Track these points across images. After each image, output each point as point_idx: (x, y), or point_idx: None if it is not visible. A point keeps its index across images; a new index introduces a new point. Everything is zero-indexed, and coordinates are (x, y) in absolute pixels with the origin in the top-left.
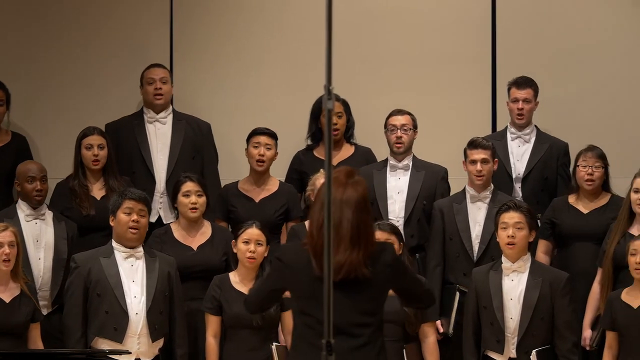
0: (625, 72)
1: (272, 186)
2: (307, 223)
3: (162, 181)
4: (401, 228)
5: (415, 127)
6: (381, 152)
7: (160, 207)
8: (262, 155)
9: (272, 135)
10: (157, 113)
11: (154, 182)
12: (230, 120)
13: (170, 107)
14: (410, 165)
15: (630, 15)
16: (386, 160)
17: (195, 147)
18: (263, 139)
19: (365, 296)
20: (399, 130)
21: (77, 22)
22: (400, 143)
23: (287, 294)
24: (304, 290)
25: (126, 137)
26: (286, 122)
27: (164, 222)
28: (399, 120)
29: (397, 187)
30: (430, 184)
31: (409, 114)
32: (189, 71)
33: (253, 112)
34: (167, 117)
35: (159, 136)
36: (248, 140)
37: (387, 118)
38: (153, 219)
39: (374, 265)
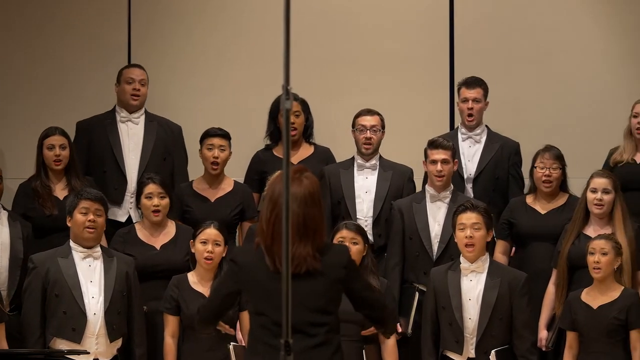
0: (578, 72)
1: (227, 186)
2: None
3: (134, 181)
4: (369, 227)
5: (383, 127)
6: (340, 151)
7: (130, 207)
8: (217, 158)
9: (225, 136)
10: (131, 113)
11: (125, 182)
12: (190, 121)
13: (144, 108)
14: (378, 165)
15: (583, 17)
16: (353, 160)
17: (167, 148)
18: (216, 140)
19: (318, 292)
20: (368, 131)
21: (39, 24)
22: (369, 144)
23: None
24: (259, 290)
25: (98, 136)
26: (245, 122)
27: (134, 221)
28: (368, 120)
29: (365, 187)
30: (398, 184)
31: (378, 114)
32: (149, 72)
33: (212, 112)
34: (139, 118)
35: (131, 136)
36: (201, 141)
37: (356, 118)
38: (123, 219)
39: (326, 261)
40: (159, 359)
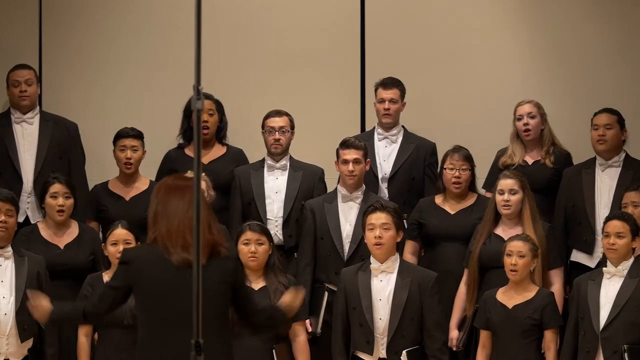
0: (491, 73)
1: (142, 184)
2: None
3: (30, 181)
4: (280, 228)
5: (292, 127)
6: (253, 152)
7: (27, 207)
8: (129, 158)
9: (138, 136)
10: (24, 114)
11: (21, 182)
12: (100, 121)
13: (37, 107)
14: (288, 165)
15: (496, 18)
16: (263, 160)
17: (63, 147)
18: (128, 141)
19: (210, 287)
20: (277, 132)
21: None
22: (278, 145)
23: None
24: (157, 286)
25: None
26: (159, 121)
27: (32, 222)
28: (277, 122)
29: (275, 187)
30: (308, 184)
31: (287, 115)
32: (59, 72)
33: (124, 111)
34: (34, 118)
35: (26, 136)
36: (114, 142)
37: (265, 119)
38: (21, 219)
39: (216, 261)
40: (70, 358)
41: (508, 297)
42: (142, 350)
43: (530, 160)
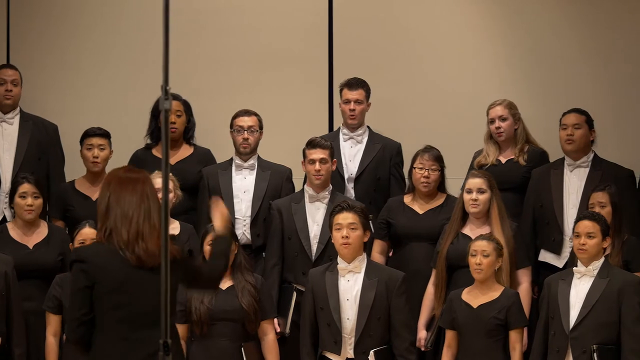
0: (457, 74)
1: None
2: None
3: (8, 181)
4: (247, 227)
5: (261, 127)
6: (221, 152)
7: (5, 207)
8: (97, 157)
9: (105, 135)
10: (5, 113)
11: None
12: (68, 121)
13: (18, 108)
14: (256, 165)
15: (461, 20)
16: (231, 160)
17: (42, 148)
18: (95, 140)
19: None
20: (245, 132)
21: None
22: (246, 144)
23: None
24: (116, 284)
25: None
26: (129, 121)
27: (9, 221)
28: (245, 121)
29: (243, 187)
30: (276, 184)
31: (256, 114)
32: (29, 72)
33: (92, 111)
34: (14, 118)
35: (6, 136)
36: (81, 141)
37: (234, 118)
38: None
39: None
40: (38, 358)
41: (473, 297)
42: (99, 351)
43: (503, 159)
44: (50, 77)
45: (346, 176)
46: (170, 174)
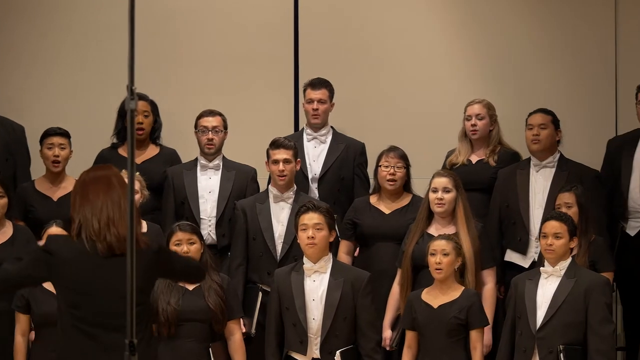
0: (422, 74)
1: (69, 184)
2: None
3: None
4: (213, 227)
5: (225, 127)
6: (187, 152)
7: None
8: (57, 156)
9: (65, 135)
10: None
11: None
12: (32, 121)
13: None
14: (221, 165)
15: (427, 20)
16: (196, 160)
17: (9, 148)
18: (56, 139)
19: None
20: (210, 132)
21: None
22: (211, 144)
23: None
24: (79, 282)
25: None
26: (94, 121)
27: None
28: (210, 122)
29: (209, 187)
30: (241, 184)
31: (220, 114)
32: None
33: (57, 111)
34: None
35: None
36: (41, 141)
37: (198, 119)
38: None
39: (139, 255)
40: (6, 358)
41: (433, 297)
42: (64, 349)
43: (474, 159)
44: (15, 77)
45: (310, 176)
46: (138, 174)
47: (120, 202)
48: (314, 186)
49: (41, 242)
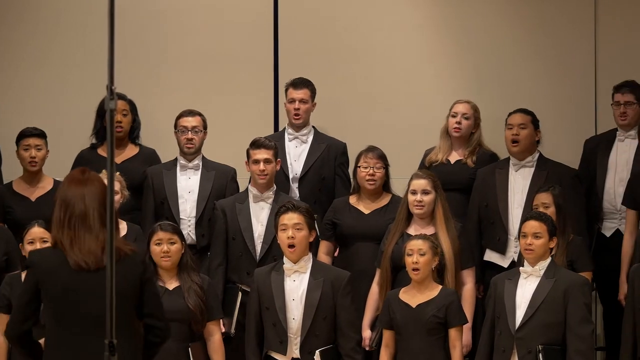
0: (402, 74)
1: (47, 184)
2: None
3: None
4: (192, 227)
5: (205, 127)
6: (167, 152)
7: None
8: (34, 157)
9: (41, 135)
10: None
11: None
12: (9, 121)
13: None
14: (200, 165)
15: (408, 20)
16: (176, 160)
17: None
18: (32, 140)
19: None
20: (189, 132)
21: None
22: (191, 144)
23: None
24: (61, 291)
25: None
26: (72, 121)
27: None
28: (189, 121)
29: (188, 187)
30: (220, 184)
31: (200, 114)
32: None
33: (36, 111)
34: None
35: None
36: (17, 142)
37: (178, 119)
38: None
39: (125, 262)
40: None
41: (411, 296)
42: (49, 357)
43: (453, 160)
44: None
45: (291, 176)
46: (118, 174)
47: (88, 216)
48: (295, 186)
49: (22, 245)
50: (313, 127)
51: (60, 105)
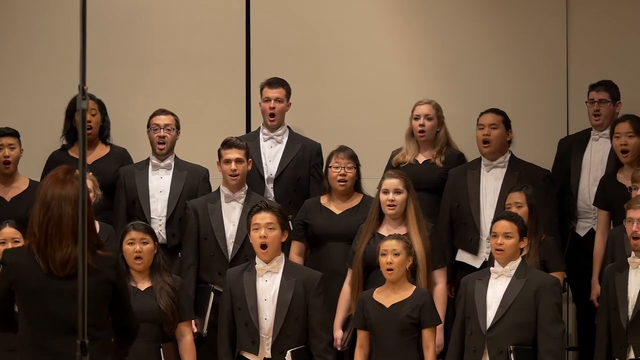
0: (375, 74)
1: (22, 184)
2: None
3: None
4: (163, 227)
5: (178, 127)
6: (138, 152)
7: None
8: (7, 157)
9: (14, 134)
10: None
11: None
12: None
13: None
14: (173, 164)
15: (378, 20)
16: (148, 160)
17: None
18: (5, 140)
19: (90, 292)
20: (162, 130)
21: None
22: (163, 143)
23: None
24: (31, 291)
25: None
26: (45, 122)
27: None
28: (162, 120)
29: (160, 186)
30: (192, 184)
31: (172, 114)
32: None
33: (7, 112)
34: None
35: None
36: None
37: (151, 118)
38: None
39: (99, 265)
40: None
41: (385, 296)
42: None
43: (421, 160)
44: None
45: (266, 176)
46: (90, 173)
47: (63, 221)
48: (269, 186)
49: None
50: (288, 127)
51: (32, 104)
